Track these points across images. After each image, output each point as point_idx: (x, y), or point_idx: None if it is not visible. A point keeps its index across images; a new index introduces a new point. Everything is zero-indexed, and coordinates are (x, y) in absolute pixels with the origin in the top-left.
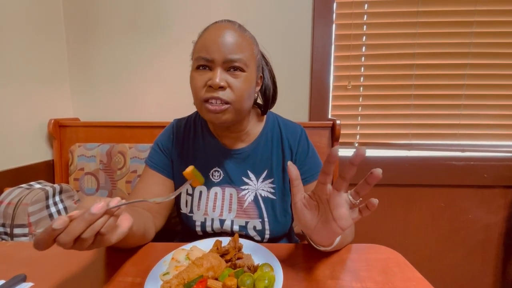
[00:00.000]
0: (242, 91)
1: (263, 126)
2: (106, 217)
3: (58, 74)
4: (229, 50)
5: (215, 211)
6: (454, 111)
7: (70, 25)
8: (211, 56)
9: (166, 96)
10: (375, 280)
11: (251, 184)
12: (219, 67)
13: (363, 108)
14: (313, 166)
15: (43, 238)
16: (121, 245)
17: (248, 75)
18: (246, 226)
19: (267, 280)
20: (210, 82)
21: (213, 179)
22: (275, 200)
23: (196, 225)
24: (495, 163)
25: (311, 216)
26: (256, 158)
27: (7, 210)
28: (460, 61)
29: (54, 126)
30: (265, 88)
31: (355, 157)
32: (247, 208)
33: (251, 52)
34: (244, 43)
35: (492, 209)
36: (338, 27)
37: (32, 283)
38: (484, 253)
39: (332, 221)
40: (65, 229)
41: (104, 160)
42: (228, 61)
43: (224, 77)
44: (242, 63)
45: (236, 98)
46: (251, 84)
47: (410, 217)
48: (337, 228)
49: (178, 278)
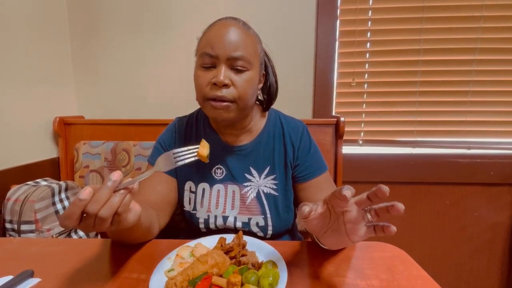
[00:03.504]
0: (245, 89)
1: (265, 122)
2: (122, 194)
3: (62, 73)
4: (234, 47)
5: (218, 208)
6: (460, 108)
7: (74, 24)
8: (216, 52)
9: (170, 94)
10: (380, 278)
11: (254, 181)
12: (223, 64)
13: (368, 105)
14: (315, 162)
15: (71, 212)
16: (128, 237)
17: (252, 73)
18: (249, 222)
19: (272, 277)
20: (214, 80)
21: (216, 176)
22: (278, 196)
23: (200, 222)
24: (501, 161)
25: (321, 224)
26: (258, 154)
27: (14, 207)
28: (467, 57)
29: (59, 124)
30: (269, 85)
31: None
32: (249, 205)
33: (255, 49)
34: (248, 40)
35: (498, 207)
36: (343, 23)
37: (39, 279)
38: (491, 251)
39: (344, 234)
40: (92, 198)
41: (109, 158)
42: (232, 58)
43: (228, 74)
44: (246, 60)
45: (240, 96)
46: (255, 81)
47: (415, 215)
48: (348, 241)
49: (183, 274)
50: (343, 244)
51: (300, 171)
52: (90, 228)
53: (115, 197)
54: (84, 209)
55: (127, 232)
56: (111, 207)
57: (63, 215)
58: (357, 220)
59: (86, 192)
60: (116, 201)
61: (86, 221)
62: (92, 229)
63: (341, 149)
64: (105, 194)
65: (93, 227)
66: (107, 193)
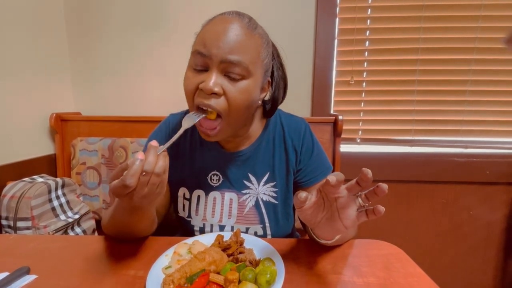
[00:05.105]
0: (238, 101)
1: (265, 125)
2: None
3: (59, 68)
4: (230, 48)
5: (214, 217)
6: (457, 107)
7: (71, 20)
8: (209, 51)
9: (167, 91)
10: (377, 276)
11: (252, 188)
12: (215, 68)
13: (366, 103)
14: (318, 165)
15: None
16: (138, 224)
17: (249, 82)
18: (246, 232)
19: (269, 274)
20: (202, 85)
21: (212, 183)
22: (277, 204)
23: (195, 230)
24: (498, 160)
25: (316, 213)
26: (257, 160)
27: (10, 203)
28: (465, 57)
29: (55, 120)
30: (274, 90)
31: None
32: (247, 214)
33: (256, 55)
34: (250, 44)
35: (494, 206)
36: (342, 21)
37: (35, 276)
38: (486, 249)
39: (337, 219)
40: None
41: (106, 155)
42: (226, 61)
43: (220, 81)
44: (243, 67)
45: (230, 109)
46: (253, 93)
47: (412, 213)
48: (341, 226)
49: (180, 271)
50: (337, 231)
51: (303, 176)
52: (143, 188)
53: (161, 159)
54: (144, 168)
55: (141, 216)
56: (163, 165)
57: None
58: (349, 204)
59: (142, 154)
60: (163, 161)
61: (144, 179)
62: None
63: (339, 147)
64: (154, 156)
65: (146, 186)
66: (155, 155)
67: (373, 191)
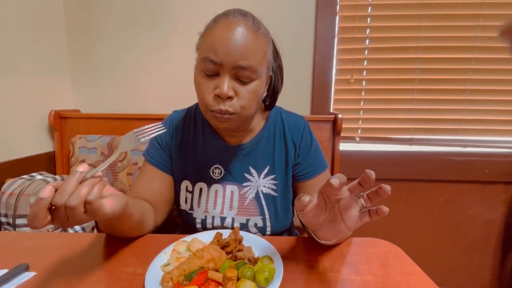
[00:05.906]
0: (250, 100)
1: (266, 120)
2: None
3: (58, 66)
4: (240, 55)
5: (215, 209)
6: (457, 106)
7: (70, 18)
8: (220, 59)
9: (167, 88)
10: (375, 273)
11: (253, 181)
12: (227, 74)
13: (365, 102)
14: (315, 160)
15: (34, 212)
16: (119, 228)
17: (258, 83)
18: (247, 223)
19: (268, 272)
20: (217, 91)
21: (214, 176)
22: (277, 197)
23: (197, 222)
24: (496, 159)
25: (317, 215)
26: (258, 153)
27: (9, 200)
28: (465, 55)
29: (54, 118)
30: (273, 84)
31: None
32: (248, 206)
33: (263, 54)
34: (257, 45)
35: (492, 205)
36: (342, 19)
37: (34, 272)
38: (484, 248)
39: (340, 221)
40: (57, 191)
41: (105, 152)
42: (238, 67)
43: (232, 85)
44: (253, 70)
45: (243, 107)
46: (260, 91)
47: (411, 212)
48: (344, 228)
49: (179, 269)
50: (340, 232)
51: (300, 170)
52: (64, 221)
53: (83, 186)
54: (52, 201)
55: (116, 223)
56: (79, 195)
57: (29, 216)
58: (351, 205)
59: (47, 190)
60: (84, 190)
61: (58, 214)
62: (67, 223)
63: (338, 146)
64: (71, 184)
65: (68, 220)
66: (73, 183)
67: (375, 192)
